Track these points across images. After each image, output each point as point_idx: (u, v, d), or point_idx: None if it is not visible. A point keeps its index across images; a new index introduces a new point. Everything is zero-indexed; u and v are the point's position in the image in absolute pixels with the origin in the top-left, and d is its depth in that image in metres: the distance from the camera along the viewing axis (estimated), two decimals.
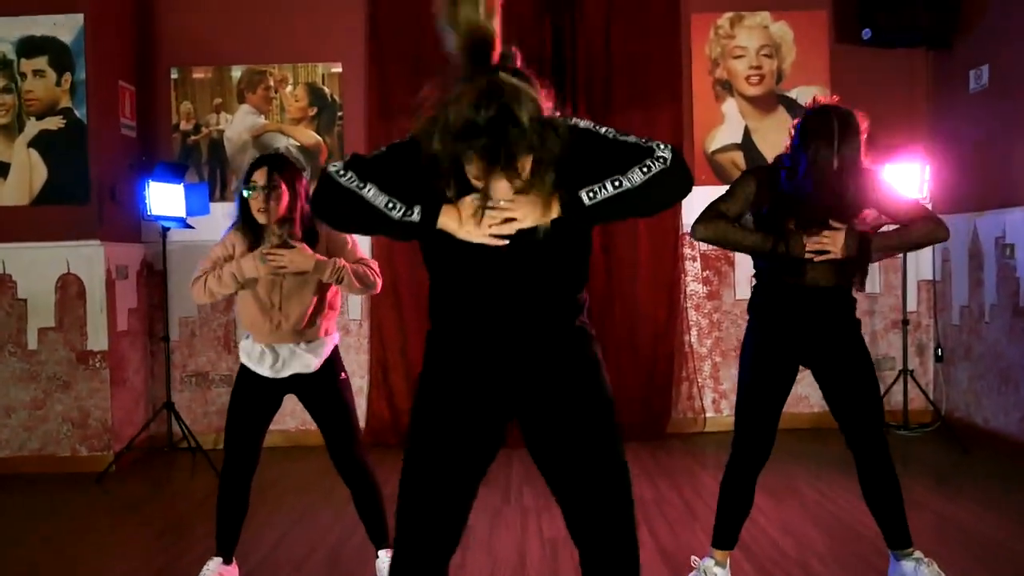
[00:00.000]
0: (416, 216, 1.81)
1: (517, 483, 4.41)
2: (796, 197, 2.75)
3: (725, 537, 2.93)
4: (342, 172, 1.87)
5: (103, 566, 3.49)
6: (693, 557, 3.07)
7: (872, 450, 2.84)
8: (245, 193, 2.99)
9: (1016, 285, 4.73)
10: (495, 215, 1.77)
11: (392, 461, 4.97)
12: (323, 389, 3.08)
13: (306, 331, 3.05)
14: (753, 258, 2.93)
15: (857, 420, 2.86)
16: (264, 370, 3.03)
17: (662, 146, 1.83)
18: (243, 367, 3.11)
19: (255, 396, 3.08)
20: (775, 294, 2.87)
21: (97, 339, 5.05)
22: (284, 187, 2.97)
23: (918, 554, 2.86)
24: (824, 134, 2.68)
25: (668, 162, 1.81)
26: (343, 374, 3.15)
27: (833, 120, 2.69)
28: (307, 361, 3.04)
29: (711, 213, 2.82)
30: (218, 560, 3.11)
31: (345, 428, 3.08)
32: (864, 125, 2.74)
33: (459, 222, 1.80)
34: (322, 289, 3.07)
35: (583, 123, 1.86)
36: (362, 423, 5.45)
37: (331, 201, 1.88)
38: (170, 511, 4.38)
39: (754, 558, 3.32)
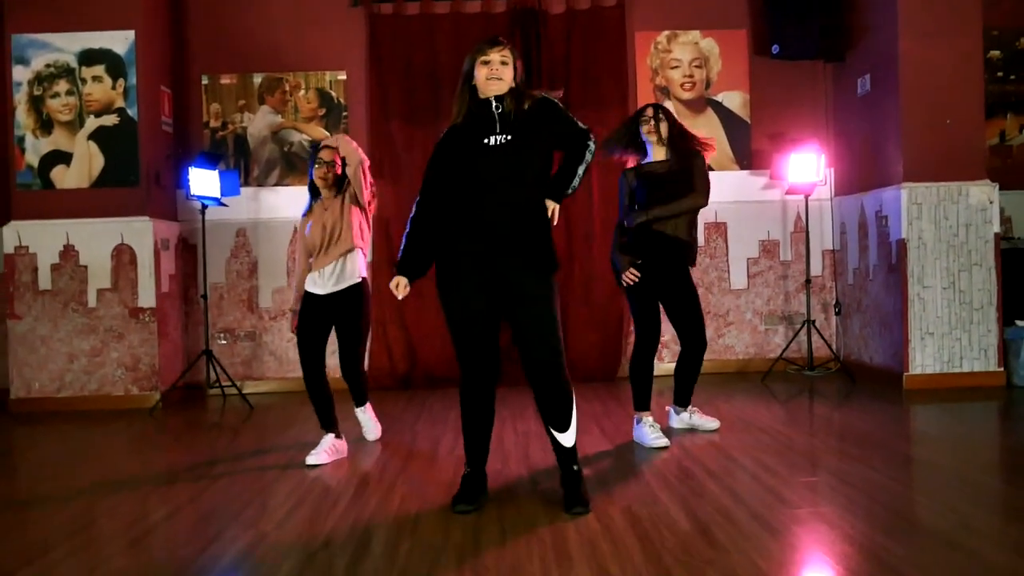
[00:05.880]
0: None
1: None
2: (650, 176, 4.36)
3: (643, 402, 4.33)
4: (415, 207, 3.44)
5: (153, 471, 4.35)
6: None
7: (698, 343, 4.43)
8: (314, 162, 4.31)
9: (890, 248, 5.94)
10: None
11: (391, 400, 6.13)
12: (349, 304, 4.33)
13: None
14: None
15: (688, 324, 4.40)
16: (318, 289, 4.25)
17: (591, 138, 3.40)
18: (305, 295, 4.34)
19: (313, 312, 4.29)
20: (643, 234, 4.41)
21: (146, 298, 6.10)
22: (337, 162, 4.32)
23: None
24: (643, 114, 4.39)
25: (592, 152, 3.41)
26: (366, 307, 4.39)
27: (648, 106, 4.38)
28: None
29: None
30: (330, 435, 4.28)
31: (353, 335, 4.37)
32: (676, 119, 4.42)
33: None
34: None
35: (552, 96, 3.39)
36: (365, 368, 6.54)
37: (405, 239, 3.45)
38: (207, 435, 5.39)
39: (678, 437, 4.48)
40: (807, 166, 6.34)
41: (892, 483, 3.62)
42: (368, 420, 4.64)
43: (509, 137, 3.28)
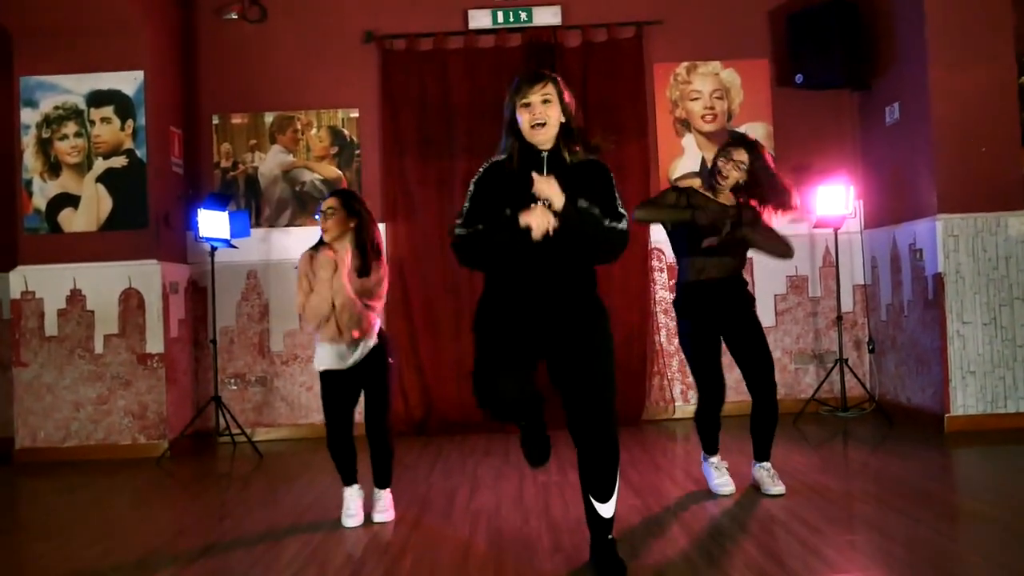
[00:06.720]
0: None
1: (514, 454, 5.28)
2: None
3: (711, 447, 4.19)
4: (460, 229, 2.98)
5: (158, 527, 4.17)
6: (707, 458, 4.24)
7: (765, 389, 4.08)
8: (316, 217, 3.97)
9: (925, 283, 5.68)
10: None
11: (406, 444, 5.87)
12: (374, 368, 3.93)
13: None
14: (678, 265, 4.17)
15: (755, 366, 4.07)
16: (340, 365, 3.88)
17: (625, 224, 2.99)
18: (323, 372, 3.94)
19: (340, 389, 3.93)
20: (688, 292, 4.11)
21: (154, 343, 5.92)
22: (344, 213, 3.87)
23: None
24: (732, 143, 4.08)
25: (621, 235, 2.96)
26: (391, 359, 4.00)
27: (743, 146, 4.04)
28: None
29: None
30: (355, 486, 3.97)
31: (382, 400, 3.94)
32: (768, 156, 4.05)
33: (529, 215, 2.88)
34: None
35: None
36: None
37: (469, 252, 3.00)
38: (215, 486, 5.19)
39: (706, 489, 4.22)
40: (835, 198, 6.10)
41: (938, 538, 3.36)
42: (385, 504, 4.01)
43: None
